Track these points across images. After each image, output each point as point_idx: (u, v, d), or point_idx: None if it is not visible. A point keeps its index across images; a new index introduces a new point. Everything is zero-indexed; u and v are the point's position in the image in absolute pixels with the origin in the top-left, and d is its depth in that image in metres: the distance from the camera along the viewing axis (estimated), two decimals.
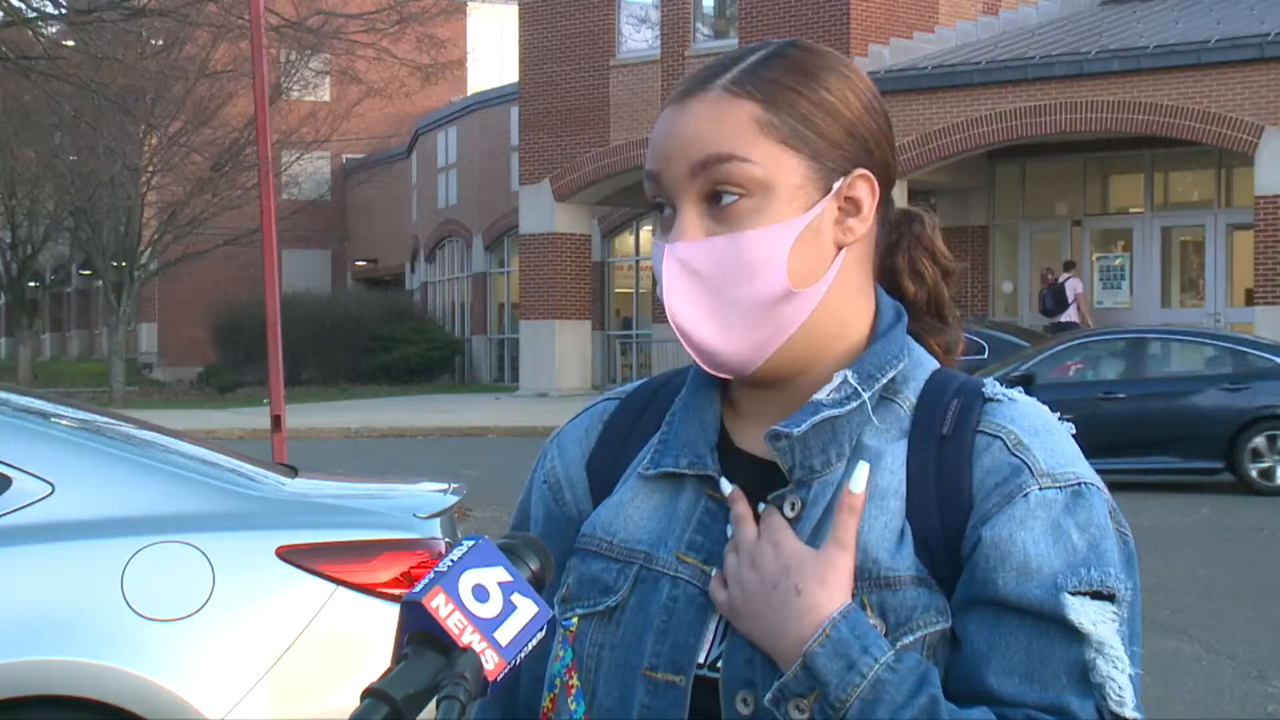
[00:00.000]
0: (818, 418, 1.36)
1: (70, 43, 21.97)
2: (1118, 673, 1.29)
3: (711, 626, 1.37)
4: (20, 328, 39.47)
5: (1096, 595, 1.30)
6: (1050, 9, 27.92)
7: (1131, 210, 25.82)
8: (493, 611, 1.23)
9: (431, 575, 1.23)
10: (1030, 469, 1.33)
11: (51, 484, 4.28)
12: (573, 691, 1.41)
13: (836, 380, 1.38)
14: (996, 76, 23.62)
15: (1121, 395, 14.63)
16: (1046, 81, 23.20)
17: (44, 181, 34.38)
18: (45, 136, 31.50)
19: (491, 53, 44.51)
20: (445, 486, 5.02)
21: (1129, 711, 1.29)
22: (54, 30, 22.70)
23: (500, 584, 1.24)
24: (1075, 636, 1.29)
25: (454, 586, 1.22)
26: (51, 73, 19.60)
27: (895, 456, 1.37)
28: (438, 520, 4.62)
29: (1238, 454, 13.96)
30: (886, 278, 1.48)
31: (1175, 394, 14.54)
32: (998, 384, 1.41)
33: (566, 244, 28.65)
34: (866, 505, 1.34)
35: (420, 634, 1.22)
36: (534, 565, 1.29)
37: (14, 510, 4.23)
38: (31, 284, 43.17)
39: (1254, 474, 13.90)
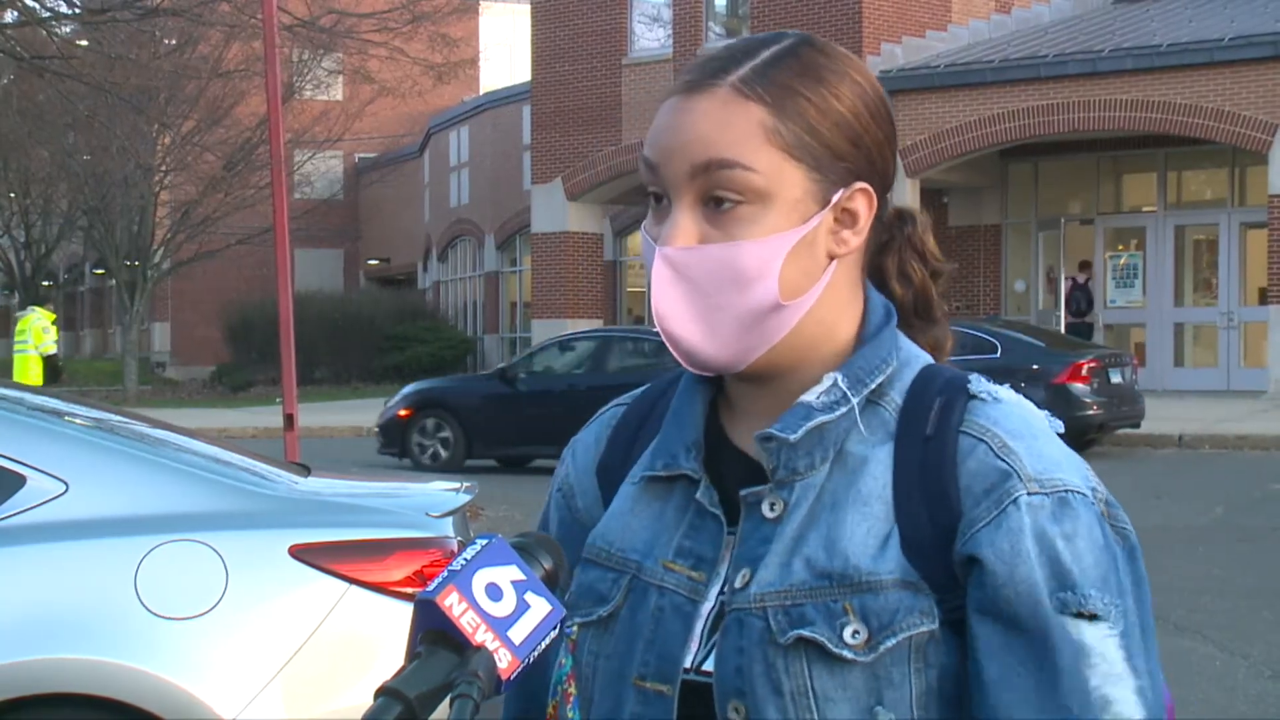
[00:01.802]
0: (811, 424, 1.36)
1: (84, 42, 22.03)
2: (1118, 690, 1.28)
3: (697, 629, 1.37)
4: None
5: (1091, 613, 1.29)
6: (1063, 7, 27.88)
7: (1144, 209, 25.77)
8: (506, 610, 1.23)
9: (445, 574, 1.23)
10: (1018, 474, 1.32)
11: (65, 483, 4.29)
12: (570, 699, 1.43)
13: (826, 383, 1.38)
14: (1009, 75, 23.58)
15: (583, 388, 16.28)
16: (1059, 80, 23.16)
17: (57, 181, 34.47)
18: (59, 136, 31.58)
19: (503, 52, 44.56)
20: (458, 485, 5.02)
21: (1138, 715, 1.29)
22: (68, 30, 22.75)
23: (514, 582, 1.24)
24: (1077, 656, 1.28)
25: (467, 585, 1.23)
26: (65, 72, 19.65)
27: (880, 461, 1.36)
28: (450, 519, 4.63)
29: None
30: (874, 278, 1.47)
31: (626, 386, 15.33)
32: (983, 380, 1.39)
33: (579, 243, 28.65)
34: (849, 511, 1.34)
35: (434, 632, 1.22)
36: (547, 564, 1.29)
37: (28, 509, 4.24)
38: (45, 283, 43.29)
39: None
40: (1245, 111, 21.81)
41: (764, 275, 1.34)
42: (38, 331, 21.96)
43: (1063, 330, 24.30)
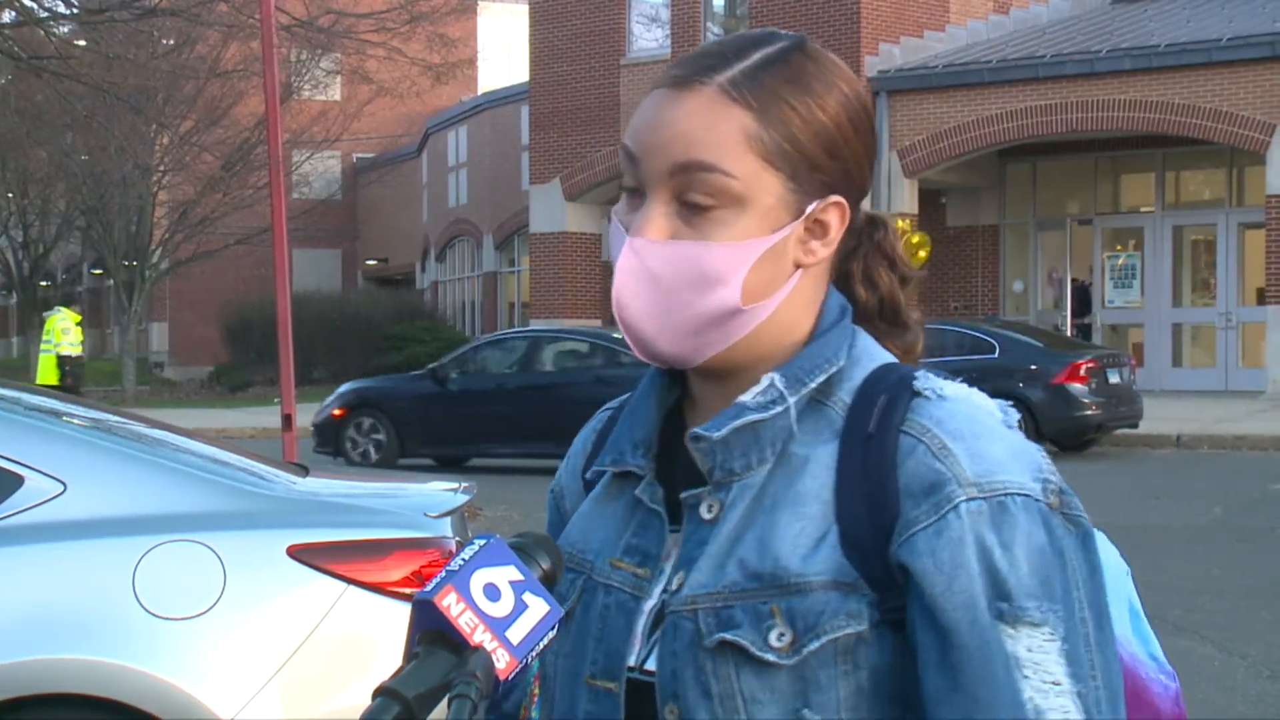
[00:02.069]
0: (739, 422, 1.36)
1: (82, 42, 22.04)
2: (1053, 699, 1.26)
3: (639, 627, 1.38)
4: (32, 327, 39.50)
5: (1028, 623, 1.28)
6: (1061, 8, 27.89)
7: (1142, 209, 25.78)
8: (504, 610, 1.23)
9: (443, 574, 1.23)
10: (956, 479, 1.30)
11: (63, 483, 4.29)
12: (535, 699, 1.45)
13: (764, 383, 1.38)
14: (1007, 75, 23.59)
15: (511, 388, 16.67)
16: (1057, 80, 23.17)
17: (56, 181, 34.49)
18: (57, 136, 31.59)
19: (502, 52, 44.56)
20: (456, 485, 5.02)
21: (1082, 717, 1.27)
22: (65, 30, 22.75)
23: (512, 583, 1.24)
24: (1011, 668, 1.27)
25: (465, 585, 1.22)
26: (63, 72, 19.65)
27: (821, 461, 1.35)
28: (448, 519, 4.63)
29: None
30: (840, 281, 1.46)
31: (555, 386, 16.43)
32: (931, 376, 1.38)
33: (577, 243, 28.66)
34: (784, 511, 1.34)
35: (432, 633, 1.22)
36: (545, 564, 1.29)
37: (26, 509, 4.24)
38: (43, 283, 43.29)
39: None
40: (1243, 111, 21.82)
41: (728, 279, 1.35)
42: (58, 332, 22.37)
43: (1069, 332, 24.37)
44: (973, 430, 1.32)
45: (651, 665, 1.37)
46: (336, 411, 17.55)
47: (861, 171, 1.41)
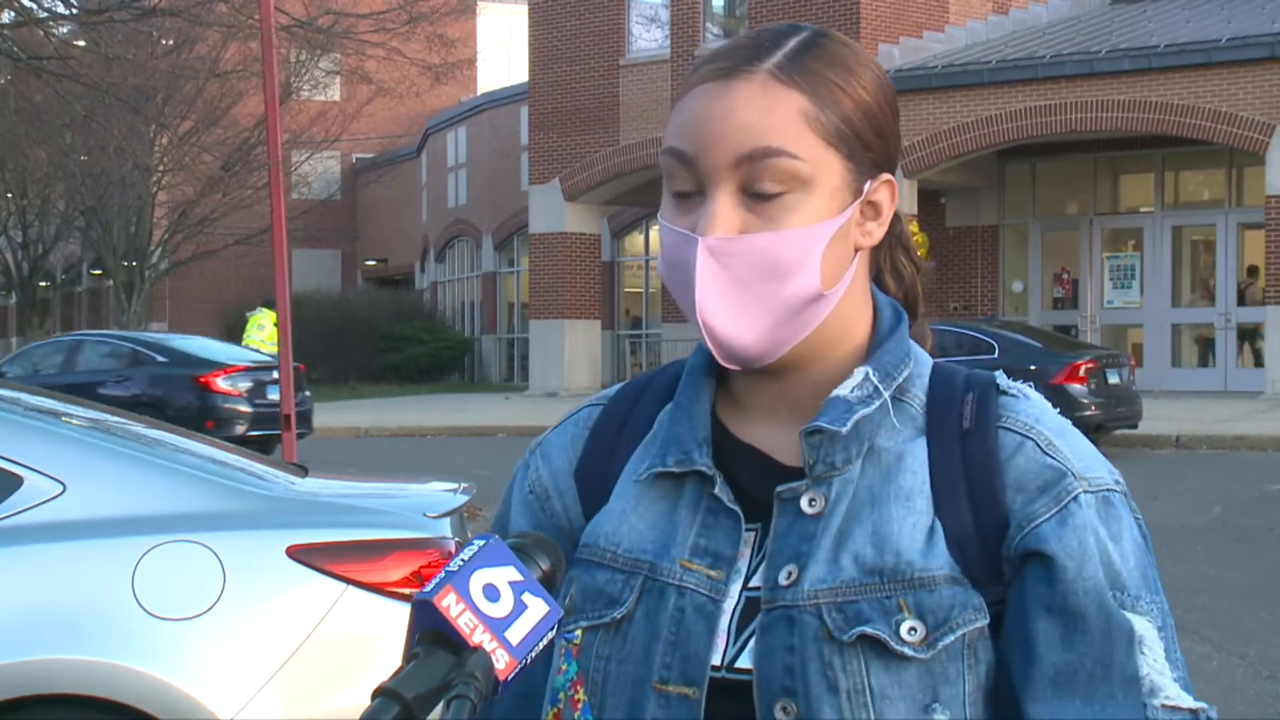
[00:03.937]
0: (856, 416, 1.35)
1: (81, 43, 22.05)
2: (1164, 679, 1.34)
3: (723, 627, 1.35)
4: (31, 327, 39.54)
5: (1139, 613, 1.34)
6: (1061, 8, 27.89)
7: (1142, 210, 25.78)
8: (504, 611, 1.23)
9: (442, 574, 1.23)
10: (1072, 472, 1.34)
11: (63, 483, 4.29)
12: (579, 706, 1.40)
13: (858, 377, 1.37)
14: (1007, 76, 23.59)
15: (56, 385, 18.00)
16: (1057, 81, 23.17)
17: (55, 181, 34.49)
18: (56, 136, 31.59)
19: (501, 52, 44.58)
20: (455, 486, 5.02)
21: (1186, 703, 1.34)
22: (65, 30, 22.75)
23: (511, 583, 1.24)
24: (1132, 650, 1.32)
25: (465, 586, 1.22)
26: (62, 72, 19.66)
27: (916, 456, 1.36)
28: (448, 519, 4.63)
29: None
30: (872, 276, 1.47)
31: (85, 385, 17.29)
32: (1006, 377, 1.41)
33: (576, 244, 28.65)
34: (893, 506, 1.34)
35: (431, 633, 1.22)
36: (545, 564, 1.28)
37: (25, 509, 4.24)
38: (43, 283, 43.27)
39: None
40: (1243, 112, 21.82)
41: (805, 265, 1.33)
42: (255, 329, 23.65)
43: (1086, 333, 24.37)
44: (1065, 429, 1.38)
45: (743, 664, 1.34)
46: None
47: (899, 150, 1.42)
